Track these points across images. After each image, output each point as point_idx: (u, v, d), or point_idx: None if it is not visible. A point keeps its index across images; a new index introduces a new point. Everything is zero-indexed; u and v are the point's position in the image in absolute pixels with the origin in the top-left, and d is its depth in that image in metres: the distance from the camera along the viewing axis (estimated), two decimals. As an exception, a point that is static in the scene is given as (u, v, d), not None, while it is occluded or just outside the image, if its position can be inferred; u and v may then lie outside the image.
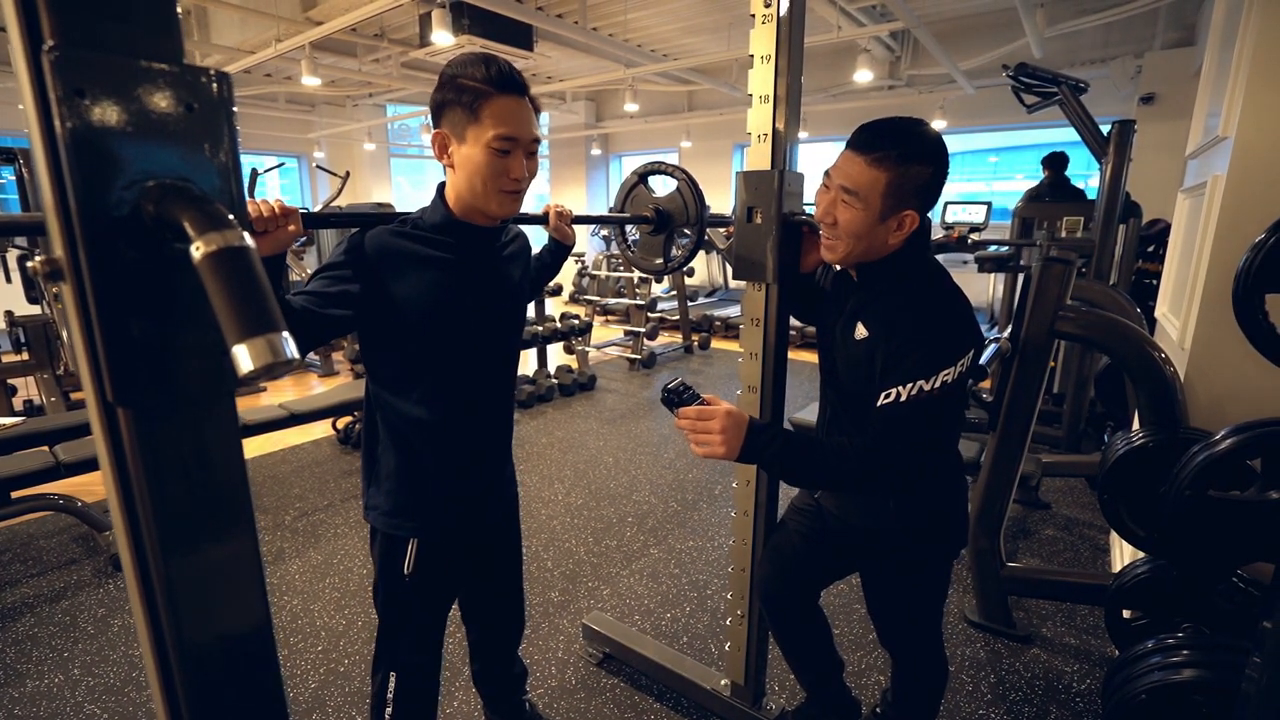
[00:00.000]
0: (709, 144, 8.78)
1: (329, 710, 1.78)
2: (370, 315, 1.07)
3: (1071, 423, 3.66)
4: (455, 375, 1.16)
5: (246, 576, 0.49)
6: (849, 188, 1.03)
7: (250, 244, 0.41)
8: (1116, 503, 1.69)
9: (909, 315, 1.04)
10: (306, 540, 2.69)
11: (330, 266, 1.05)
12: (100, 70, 0.41)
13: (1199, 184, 2.00)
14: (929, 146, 1.02)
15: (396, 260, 1.07)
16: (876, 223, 1.03)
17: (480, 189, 1.05)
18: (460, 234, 1.12)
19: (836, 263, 1.13)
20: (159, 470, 0.44)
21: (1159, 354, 1.73)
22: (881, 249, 1.07)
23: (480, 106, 1.00)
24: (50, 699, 1.82)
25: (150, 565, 0.45)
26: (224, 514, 0.48)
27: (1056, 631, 2.11)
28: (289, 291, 1.02)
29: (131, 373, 0.43)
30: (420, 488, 1.19)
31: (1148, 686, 1.20)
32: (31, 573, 2.47)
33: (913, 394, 0.99)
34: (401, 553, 1.19)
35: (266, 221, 0.93)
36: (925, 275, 1.10)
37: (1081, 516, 2.90)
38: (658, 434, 4.01)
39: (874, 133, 1.03)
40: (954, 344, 1.01)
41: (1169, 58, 5.34)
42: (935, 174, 1.03)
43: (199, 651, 0.50)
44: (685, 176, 1.60)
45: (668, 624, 2.17)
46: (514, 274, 1.25)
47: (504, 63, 1.03)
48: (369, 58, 6.57)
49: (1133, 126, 3.28)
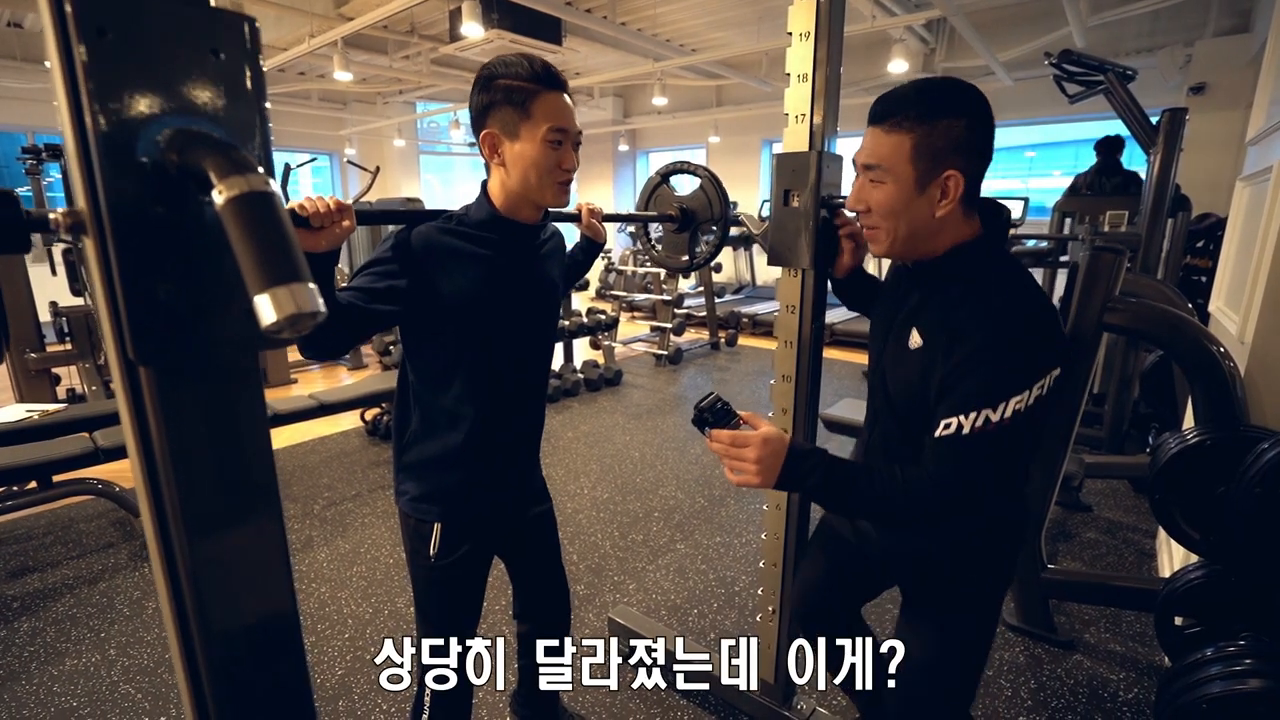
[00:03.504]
0: (737, 139, 8.69)
1: (355, 697, 1.79)
2: (415, 309, 1.09)
3: (1114, 423, 3.52)
4: (494, 368, 1.18)
5: (270, 543, 0.47)
6: (871, 163, 0.91)
7: (275, 189, 0.38)
8: (1170, 504, 1.60)
9: (974, 323, 0.86)
10: (334, 529, 2.72)
11: (377, 262, 1.07)
12: (123, 8, 0.39)
13: (1262, 170, 1.89)
14: (957, 97, 0.88)
15: (442, 256, 1.10)
16: (914, 195, 0.89)
17: (535, 181, 1.08)
18: (504, 230, 1.14)
19: (884, 254, 0.97)
20: (180, 431, 0.43)
21: (1218, 348, 1.64)
22: (931, 227, 0.91)
23: (531, 103, 1.04)
24: (87, 678, 1.86)
25: (171, 529, 0.43)
26: (247, 478, 0.46)
27: (1100, 638, 2.02)
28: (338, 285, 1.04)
29: (153, 330, 0.41)
30: (449, 475, 1.20)
31: (1210, 696, 1.13)
32: (71, 555, 2.53)
33: (977, 426, 0.83)
34: (428, 536, 1.21)
35: (323, 217, 0.94)
36: (996, 272, 0.92)
37: (1125, 520, 2.79)
38: (684, 429, 3.97)
39: (888, 98, 0.91)
40: (1030, 362, 0.85)
41: (1221, 45, 5.12)
42: (972, 125, 0.87)
43: (221, 622, 0.48)
44: (708, 174, 1.61)
45: (694, 620, 2.13)
46: (552, 271, 1.28)
47: (543, 60, 1.06)
48: (400, 54, 6.63)
49: (1184, 114, 3.14)
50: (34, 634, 2.05)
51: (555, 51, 5.66)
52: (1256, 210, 1.91)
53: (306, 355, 1.06)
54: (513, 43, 5.02)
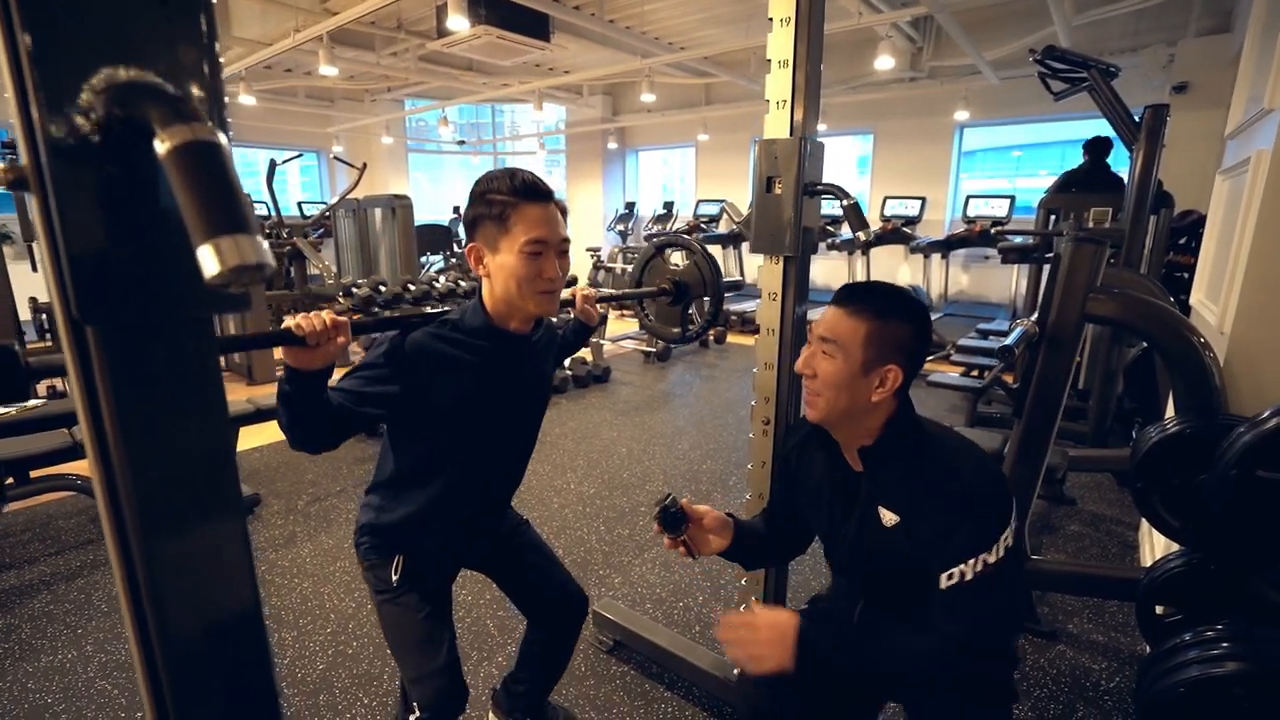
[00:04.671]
0: (726, 138, 8.70)
1: (336, 691, 1.77)
2: (405, 413, 1.14)
3: (1098, 418, 3.55)
4: (478, 463, 1.25)
5: (228, 512, 0.46)
6: (828, 336, 1.00)
7: (223, 141, 0.37)
8: (1151, 492, 1.62)
9: (942, 488, 0.97)
10: (318, 525, 2.69)
11: (369, 366, 1.11)
12: (63, -48, 0.37)
13: (1240, 162, 1.91)
14: (910, 306, 1.01)
15: (435, 364, 1.13)
16: (859, 375, 0.98)
17: (517, 291, 1.11)
18: (496, 340, 1.17)
19: (818, 420, 1.05)
20: (130, 394, 0.41)
21: (1198, 338, 1.65)
22: (865, 408, 1.00)
23: (509, 216, 1.07)
24: (63, 674, 1.83)
25: (122, 497, 0.42)
26: (203, 443, 0.45)
27: (1083, 628, 2.04)
28: (334, 387, 1.08)
29: (98, 287, 0.40)
30: (417, 537, 1.26)
31: (1186, 680, 1.13)
32: (49, 551, 2.49)
33: (979, 571, 0.93)
34: (390, 565, 1.25)
35: (319, 335, 0.94)
36: (933, 439, 1.03)
37: (1109, 513, 2.81)
38: (672, 426, 3.96)
39: (854, 288, 1.04)
40: (1000, 504, 0.96)
41: (1204, 45, 5.18)
42: (916, 334, 1.00)
43: (176, 600, 0.47)
44: (701, 249, 1.72)
45: (680, 613, 2.13)
46: (545, 367, 1.34)
47: (527, 174, 1.10)
48: (387, 51, 6.59)
49: (1167, 111, 3.17)
50: (9, 630, 2.01)
51: (543, 48, 5.64)
52: (1236, 203, 1.92)
53: (295, 448, 1.09)
54: (500, 39, 5.00)
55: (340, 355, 1.02)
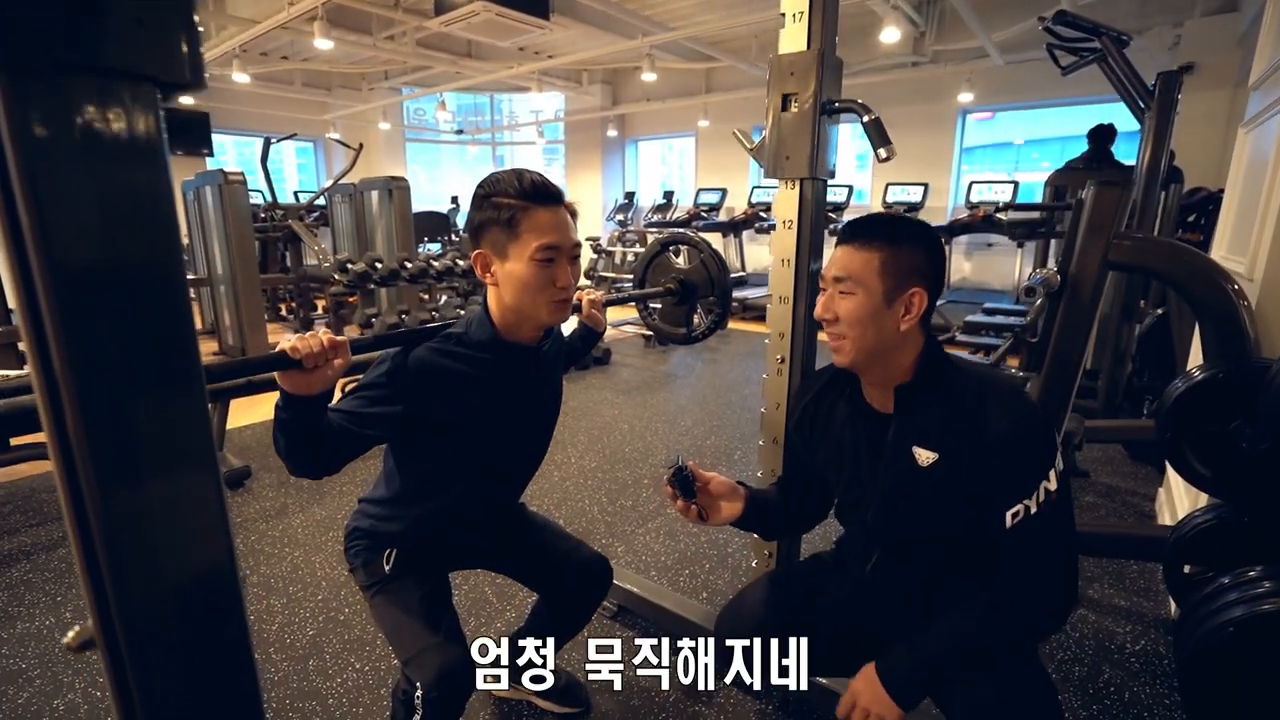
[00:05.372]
0: (728, 125, 8.59)
1: (326, 656, 1.69)
2: (410, 434, 1.08)
3: (1108, 397, 3.48)
4: (488, 478, 1.20)
5: (195, 456, 0.39)
6: (842, 275, 0.97)
7: None
8: (1181, 442, 1.54)
9: (990, 424, 0.92)
10: (311, 497, 2.61)
11: (371, 386, 1.04)
12: None
13: (1267, 107, 1.84)
14: (918, 228, 0.99)
15: (438, 381, 1.06)
16: (882, 307, 0.95)
17: (529, 301, 1.04)
18: (504, 353, 1.10)
19: (847, 363, 1.00)
20: (78, 321, 0.34)
21: (1229, 282, 1.58)
22: (894, 341, 0.96)
23: (518, 221, 1.00)
24: (39, 640, 1.75)
25: (73, 441, 0.35)
26: (168, 386, 0.37)
27: (1105, 593, 1.96)
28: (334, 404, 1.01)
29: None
30: (415, 541, 1.21)
31: (1234, 620, 1.06)
32: (31, 523, 2.40)
33: (1041, 501, 0.91)
34: (379, 558, 1.19)
35: (316, 357, 0.88)
36: (968, 374, 0.99)
37: (1124, 485, 2.74)
38: (674, 404, 3.89)
39: (857, 223, 1.00)
40: (1049, 432, 0.94)
41: (1210, 25, 5.12)
42: (930, 255, 0.97)
43: (133, 541, 0.41)
44: (708, 247, 1.66)
45: (686, 580, 2.05)
46: (555, 377, 1.27)
47: (536, 175, 1.03)
48: (384, 34, 6.50)
49: (1179, 77, 3.11)
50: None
51: (542, 26, 5.56)
52: (1259, 154, 1.86)
53: (295, 474, 0.99)
54: (499, 15, 4.92)
55: (337, 379, 0.93)
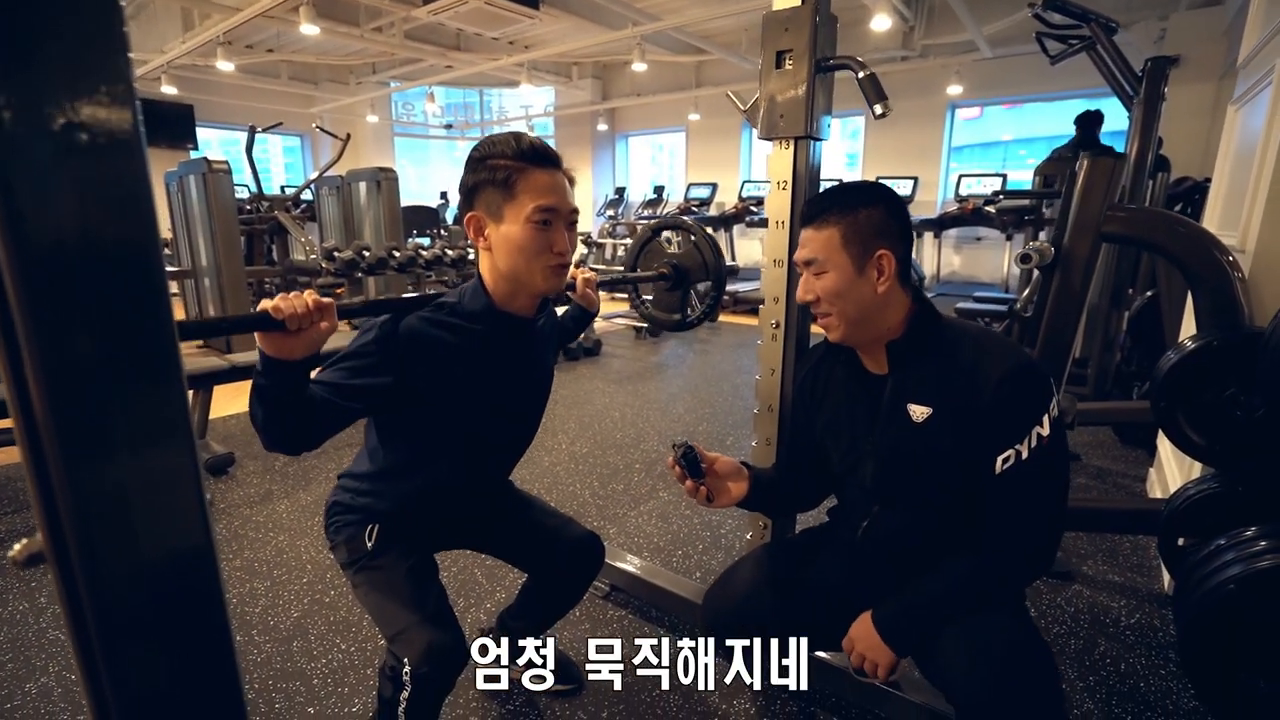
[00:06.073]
0: (717, 121, 8.61)
1: (311, 638, 1.65)
2: (397, 406, 1.03)
3: (1097, 384, 3.50)
4: (476, 456, 1.17)
5: (169, 430, 0.36)
6: (808, 258, 1.00)
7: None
8: (1175, 411, 1.53)
9: (981, 373, 0.94)
10: (296, 483, 2.56)
11: (357, 354, 0.98)
12: None
13: (1256, 82, 1.85)
14: (869, 189, 1.00)
15: (429, 352, 1.02)
16: (855, 276, 0.97)
17: (524, 266, 1.00)
18: (498, 324, 1.06)
19: (840, 338, 1.03)
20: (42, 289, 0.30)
21: (1223, 253, 1.57)
22: (876, 305, 0.98)
23: (515, 181, 0.98)
24: (13, 625, 1.69)
25: (36, 411, 0.31)
26: (139, 353, 0.34)
27: (1098, 569, 1.96)
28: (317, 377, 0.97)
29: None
30: (399, 518, 1.16)
31: (1234, 577, 1.05)
32: (7, 510, 2.35)
33: (1033, 446, 0.92)
34: (361, 533, 1.13)
35: (300, 319, 0.84)
36: (958, 327, 1.00)
37: (1114, 467, 2.75)
38: (666, 392, 3.86)
39: (811, 203, 1.03)
40: (1042, 378, 0.94)
41: (1196, 18, 5.16)
42: (889, 212, 0.98)
43: (102, 519, 0.36)
44: (701, 231, 1.63)
45: (679, 560, 2.02)
46: (548, 355, 1.25)
47: (534, 137, 1.01)
48: (371, 25, 6.44)
49: (1168, 63, 3.12)
50: (-44, 583, 1.87)
51: (531, 16, 5.52)
52: (1249, 130, 1.86)
53: (270, 448, 0.93)
54: (488, 4, 4.88)
55: (323, 342, 0.88)
